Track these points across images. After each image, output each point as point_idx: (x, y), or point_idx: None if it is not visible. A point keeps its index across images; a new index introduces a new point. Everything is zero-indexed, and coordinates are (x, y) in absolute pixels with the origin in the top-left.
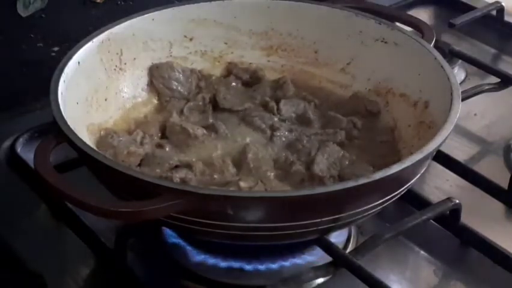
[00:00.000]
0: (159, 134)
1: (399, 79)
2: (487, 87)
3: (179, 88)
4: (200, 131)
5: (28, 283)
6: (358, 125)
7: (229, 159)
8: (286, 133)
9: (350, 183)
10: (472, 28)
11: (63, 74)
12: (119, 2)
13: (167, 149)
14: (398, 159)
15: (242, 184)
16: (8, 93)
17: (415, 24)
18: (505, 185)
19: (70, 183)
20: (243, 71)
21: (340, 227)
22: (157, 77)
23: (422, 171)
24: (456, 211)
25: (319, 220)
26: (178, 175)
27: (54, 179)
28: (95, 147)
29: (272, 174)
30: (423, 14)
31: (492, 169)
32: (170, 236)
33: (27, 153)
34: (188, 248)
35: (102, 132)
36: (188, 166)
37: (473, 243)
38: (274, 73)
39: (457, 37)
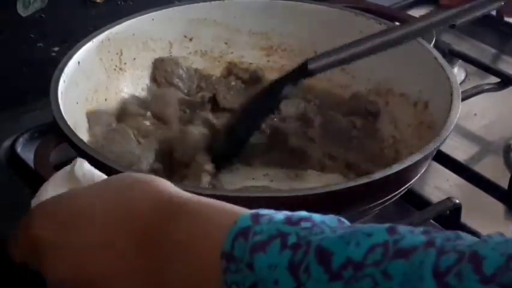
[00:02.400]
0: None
1: (399, 79)
2: (487, 87)
3: (179, 84)
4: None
5: (28, 283)
6: (358, 125)
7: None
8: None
9: (350, 183)
10: (472, 28)
11: (63, 74)
12: (119, 2)
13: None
14: (398, 159)
15: None
16: (8, 93)
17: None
18: (505, 185)
19: None
20: (243, 71)
21: None
22: (160, 70)
23: (422, 171)
24: (456, 211)
25: None
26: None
27: None
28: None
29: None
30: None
31: (492, 169)
32: None
33: (27, 153)
34: None
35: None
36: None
37: None
38: (274, 73)
39: (457, 37)
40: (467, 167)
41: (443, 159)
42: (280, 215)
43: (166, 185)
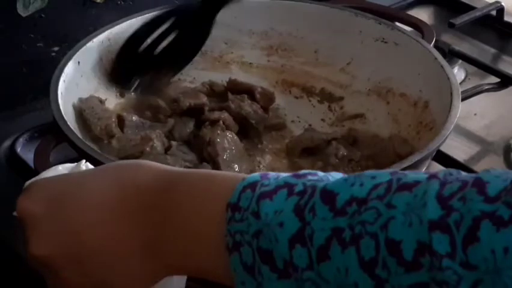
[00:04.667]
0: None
1: (399, 79)
2: (487, 87)
3: None
4: None
5: (28, 283)
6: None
7: None
8: None
9: None
10: (472, 28)
11: (63, 74)
12: (119, 2)
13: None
14: (398, 159)
15: None
16: (8, 93)
17: (415, 24)
18: None
19: None
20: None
21: None
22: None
23: (422, 171)
24: None
25: None
26: None
27: None
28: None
29: None
30: (423, 14)
31: None
32: None
33: (27, 153)
34: None
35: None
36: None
37: None
38: (274, 73)
39: (457, 37)
40: (467, 167)
41: (443, 159)
42: (288, 173)
43: (163, 165)
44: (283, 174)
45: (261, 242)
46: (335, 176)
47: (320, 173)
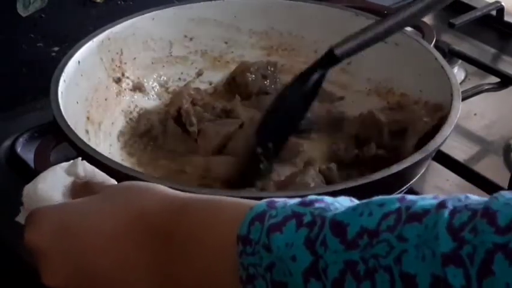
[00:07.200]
0: None
1: (399, 79)
2: (487, 87)
3: None
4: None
5: (28, 283)
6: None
7: None
8: None
9: (350, 183)
10: (472, 28)
11: (63, 74)
12: (119, 2)
13: None
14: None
15: None
16: (8, 93)
17: (415, 24)
18: (505, 185)
19: None
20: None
21: None
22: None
23: (422, 171)
24: None
25: None
26: None
27: None
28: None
29: None
30: None
31: (492, 169)
32: None
33: (27, 153)
34: None
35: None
36: None
37: None
38: None
39: (457, 37)
40: (467, 167)
41: (443, 159)
42: (294, 200)
43: (170, 189)
44: (290, 202)
45: (275, 275)
46: (342, 202)
47: (327, 199)
